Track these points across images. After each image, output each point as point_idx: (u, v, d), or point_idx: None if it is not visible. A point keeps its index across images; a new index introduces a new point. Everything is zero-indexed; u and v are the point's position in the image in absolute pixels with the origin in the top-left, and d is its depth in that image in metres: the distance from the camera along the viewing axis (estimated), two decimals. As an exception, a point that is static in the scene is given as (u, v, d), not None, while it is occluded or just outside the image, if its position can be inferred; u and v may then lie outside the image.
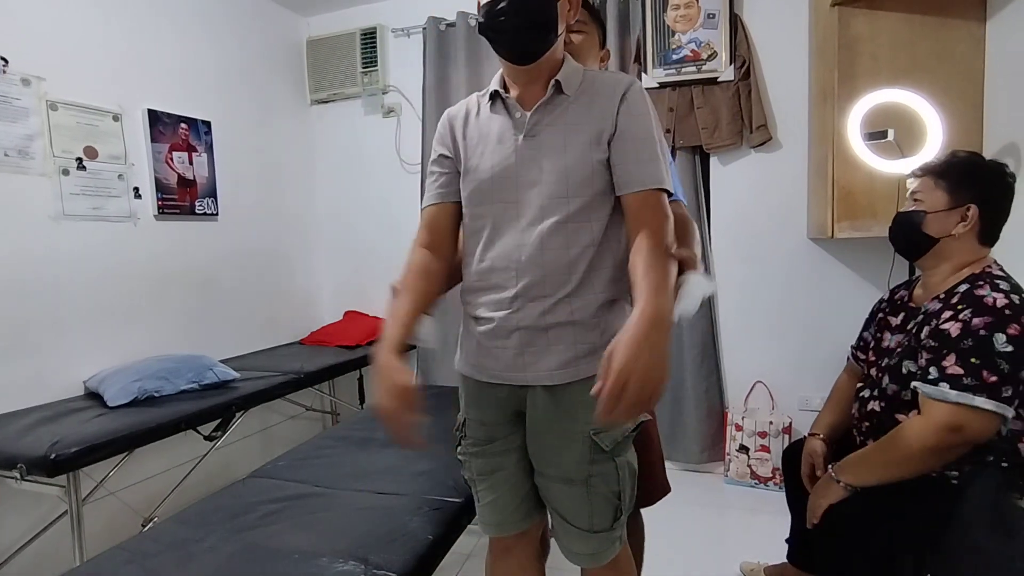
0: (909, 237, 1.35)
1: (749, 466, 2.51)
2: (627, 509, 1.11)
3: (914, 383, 1.21)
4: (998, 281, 1.21)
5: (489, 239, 1.07)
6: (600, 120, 1.02)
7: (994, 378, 1.11)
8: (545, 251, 1.01)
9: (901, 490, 1.26)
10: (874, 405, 1.36)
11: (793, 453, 1.65)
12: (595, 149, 1.01)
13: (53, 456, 1.55)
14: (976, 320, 1.16)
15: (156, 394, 2.02)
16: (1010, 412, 1.12)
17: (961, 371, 1.14)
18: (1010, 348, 1.11)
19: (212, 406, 2.03)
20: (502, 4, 0.98)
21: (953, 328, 1.18)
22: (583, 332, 1.03)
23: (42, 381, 2.03)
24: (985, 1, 1.88)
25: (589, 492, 1.07)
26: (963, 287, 1.24)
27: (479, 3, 1.02)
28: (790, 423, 2.47)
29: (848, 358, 1.64)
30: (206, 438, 2.11)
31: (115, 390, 1.96)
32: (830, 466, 1.34)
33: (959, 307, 1.21)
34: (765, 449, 2.48)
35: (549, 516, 1.19)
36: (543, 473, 1.11)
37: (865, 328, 1.59)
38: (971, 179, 1.29)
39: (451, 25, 2.96)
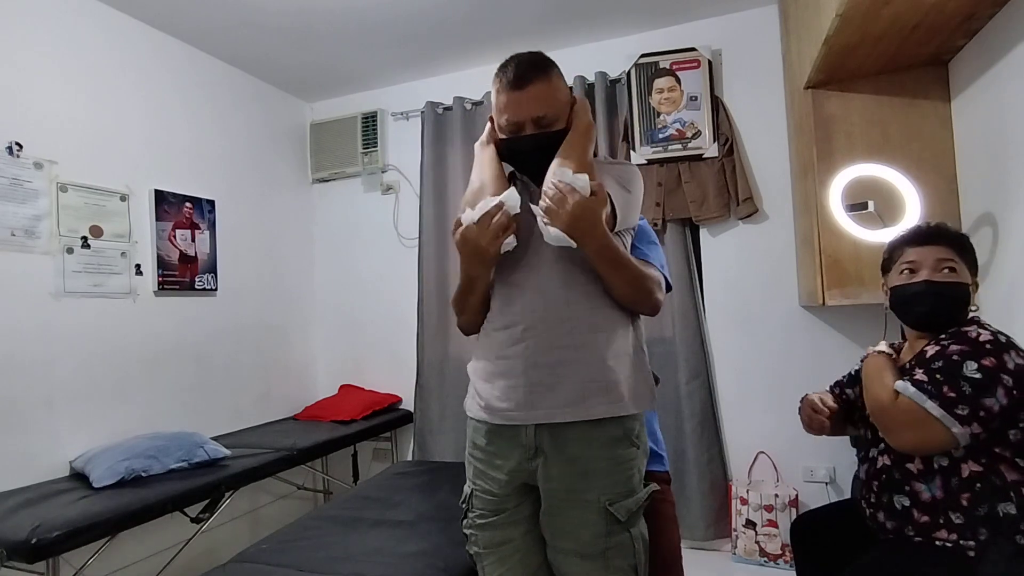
0: (953, 309, 1.30)
1: (757, 542, 2.42)
2: None
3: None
4: (986, 325, 1.26)
5: (507, 292, 1.16)
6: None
7: (952, 394, 1.15)
8: (548, 294, 1.11)
9: (917, 563, 1.22)
10: (884, 460, 1.34)
11: (802, 526, 1.60)
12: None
13: (34, 541, 1.49)
14: (953, 347, 1.21)
15: (144, 474, 1.97)
16: (957, 427, 1.14)
17: (925, 379, 1.20)
18: (979, 376, 1.15)
19: (201, 486, 1.97)
20: (523, 143, 1.14)
21: (930, 350, 1.26)
22: (590, 368, 1.08)
23: (28, 461, 1.99)
24: (948, 83, 2.01)
25: (607, 566, 1.08)
26: (952, 330, 1.28)
27: (501, 131, 1.17)
28: (796, 496, 2.40)
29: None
30: (193, 520, 2.03)
31: (101, 470, 1.91)
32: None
33: (942, 339, 1.27)
34: (772, 524, 2.39)
35: None
36: (558, 547, 1.12)
37: (849, 385, 1.57)
38: (974, 257, 1.34)
39: (448, 109, 3.12)
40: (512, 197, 1.08)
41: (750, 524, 2.44)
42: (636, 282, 1.12)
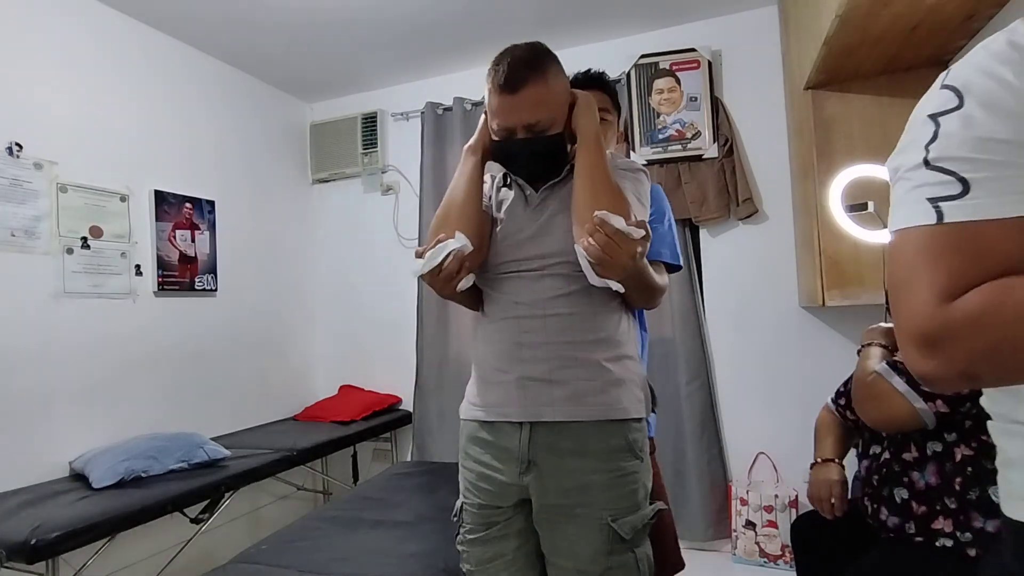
0: None
1: (757, 543, 2.42)
2: None
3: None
4: None
5: (504, 294, 1.11)
6: None
7: None
8: (547, 302, 1.07)
9: (917, 564, 1.22)
10: (885, 454, 1.35)
11: (802, 527, 1.60)
12: None
13: (34, 541, 1.49)
14: None
15: (143, 474, 1.97)
16: (920, 403, 1.20)
17: (899, 360, 1.28)
18: None
19: (200, 486, 1.97)
20: (514, 147, 1.07)
21: None
22: (588, 370, 1.04)
23: (27, 462, 1.98)
24: (948, 84, 2.01)
25: None
26: None
27: (493, 132, 1.09)
28: (796, 496, 2.40)
29: (828, 405, 1.64)
30: (192, 520, 2.03)
31: (101, 471, 1.91)
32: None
33: None
34: (772, 524, 2.39)
35: None
36: (556, 564, 1.07)
37: (845, 385, 1.58)
38: None
39: (448, 109, 3.12)
40: (460, 241, 1.01)
41: (750, 525, 2.43)
42: (651, 291, 1.13)
